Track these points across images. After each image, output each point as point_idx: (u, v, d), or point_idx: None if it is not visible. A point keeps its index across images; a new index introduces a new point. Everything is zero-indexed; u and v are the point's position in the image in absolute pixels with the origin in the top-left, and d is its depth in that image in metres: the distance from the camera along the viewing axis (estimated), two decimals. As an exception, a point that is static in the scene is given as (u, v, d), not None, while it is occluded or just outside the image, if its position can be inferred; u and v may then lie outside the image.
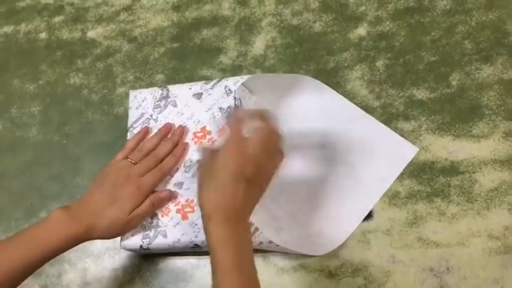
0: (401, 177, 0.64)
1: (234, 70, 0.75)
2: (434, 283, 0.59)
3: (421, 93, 0.67)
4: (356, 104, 0.68)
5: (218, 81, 0.64)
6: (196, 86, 0.65)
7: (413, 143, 0.65)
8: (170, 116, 0.65)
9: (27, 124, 0.81)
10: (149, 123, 0.65)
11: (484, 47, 0.67)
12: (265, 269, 0.63)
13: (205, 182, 0.50)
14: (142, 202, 0.59)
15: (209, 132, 0.62)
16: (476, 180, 0.62)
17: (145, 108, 0.66)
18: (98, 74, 0.81)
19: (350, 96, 0.69)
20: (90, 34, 0.84)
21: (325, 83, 0.69)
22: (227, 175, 0.49)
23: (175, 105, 0.65)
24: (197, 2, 0.81)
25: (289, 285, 0.63)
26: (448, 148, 0.64)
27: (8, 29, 0.89)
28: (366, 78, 0.69)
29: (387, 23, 0.72)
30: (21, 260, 0.53)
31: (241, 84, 0.63)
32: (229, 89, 0.63)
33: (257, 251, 0.61)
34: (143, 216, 0.59)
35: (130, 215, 0.58)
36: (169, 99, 0.66)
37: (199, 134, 0.63)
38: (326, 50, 0.72)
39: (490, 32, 0.68)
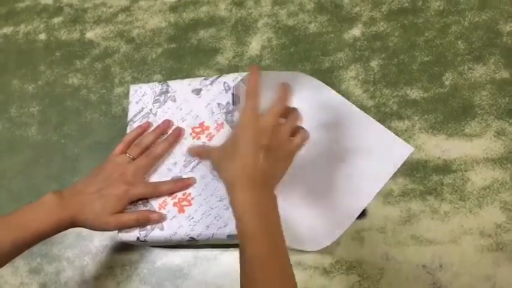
0: (394, 175, 0.64)
1: (231, 70, 0.75)
2: (427, 280, 0.60)
3: (414, 93, 0.68)
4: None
5: (217, 78, 0.65)
6: (196, 82, 0.66)
7: (406, 142, 0.66)
8: (169, 111, 0.66)
9: (26, 124, 0.82)
10: (149, 118, 0.66)
11: (476, 47, 0.68)
12: (261, 267, 0.64)
13: (225, 155, 0.52)
14: (125, 206, 0.59)
15: (207, 128, 0.63)
16: (469, 178, 0.62)
17: (145, 102, 0.67)
18: (96, 75, 0.82)
19: (345, 95, 0.70)
20: (89, 35, 0.85)
21: (320, 83, 0.70)
22: (245, 145, 0.50)
23: (174, 100, 0.66)
24: (194, 3, 0.82)
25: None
26: (441, 147, 0.65)
27: (8, 30, 0.90)
28: (360, 78, 0.70)
29: (381, 23, 0.73)
30: (10, 240, 0.54)
31: (240, 80, 0.64)
32: (228, 85, 0.64)
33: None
34: (124, 225, 0.60)
35: (112, 218, 0.58)
36: (168, 94, 0.67)
37: (197, 129, 0.64)
38: (321, 50, 0.73)
39: (482, 32, 0.69)
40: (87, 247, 0.71)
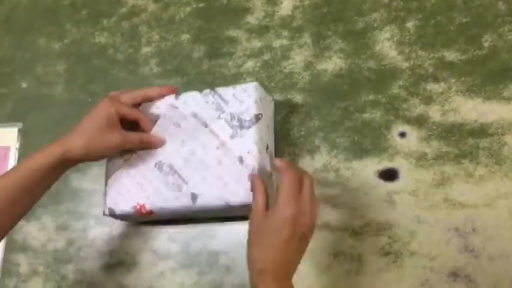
0: (428, 138, 0.63)
1: (261, 31, 0.74)
2: (459, 243, 0.59)
3: (451, 55, 0.66)
4: (384, 65, 0.68)
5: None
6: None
7: (442, 105, 0.64)
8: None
9: (52, 82, 0.81)
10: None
11: (518, 8, 0.66)
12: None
13: (258, 238, 0.50)
14: (112, 109, 0.59)
15: None
16: (506, 142, 0.61)
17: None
18: (123, 34, 0.81)
19: (378, 57, 0.68)
20: (116, -7, 0.83)
21: (353, 45, 0.69)
22: (283, 234, 0.49)
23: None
24: (224, -38, 0.80)
25: (313, 244, 0.62)
26: (477, 110, 0.63)
27: (33, -13, 0.89)
28: (395, 39, 0.68)
29: (419, -17, 0.71)
30: (13, 186, 0.55)
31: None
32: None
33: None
34: (129, 141, 0.61)
35: (116, 134, 0.59)
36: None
37: None
38: (355, 10, 0.71)
39: (524, -7, 0.66)
40: (114, 205, 0.72)
